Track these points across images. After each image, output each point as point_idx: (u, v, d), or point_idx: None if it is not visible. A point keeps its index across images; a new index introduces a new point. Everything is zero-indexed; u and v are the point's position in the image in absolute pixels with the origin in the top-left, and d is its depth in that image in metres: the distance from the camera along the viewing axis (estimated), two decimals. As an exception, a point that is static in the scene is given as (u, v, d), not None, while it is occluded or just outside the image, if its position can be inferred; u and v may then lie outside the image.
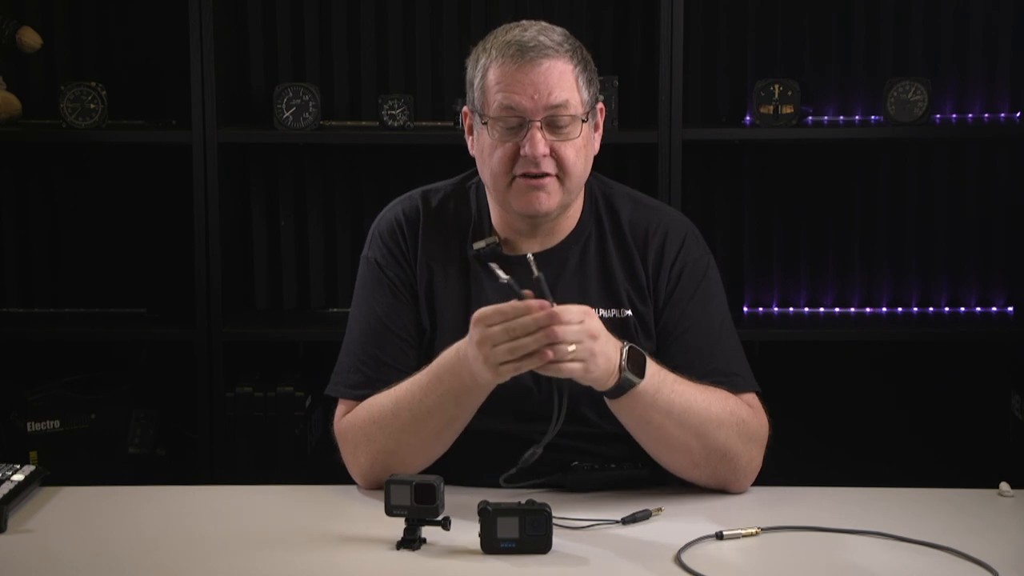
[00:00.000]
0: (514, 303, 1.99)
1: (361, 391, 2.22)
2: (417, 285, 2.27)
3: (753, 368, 2.27)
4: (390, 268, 2.28)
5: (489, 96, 2.17)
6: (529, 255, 2.06)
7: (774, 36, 3.62)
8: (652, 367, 2.07)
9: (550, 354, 1.97)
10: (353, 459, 2.21)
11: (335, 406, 2.28)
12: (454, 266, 2.27)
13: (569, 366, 1.98)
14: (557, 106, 2.15)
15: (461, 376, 2.07)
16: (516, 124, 2.16)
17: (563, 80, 2.16)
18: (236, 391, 3.38)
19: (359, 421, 2.19)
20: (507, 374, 2.01)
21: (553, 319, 1.96)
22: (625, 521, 2.04)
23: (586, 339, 1.98)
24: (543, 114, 2.15)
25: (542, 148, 2.14)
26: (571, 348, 1.97)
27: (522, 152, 2.15)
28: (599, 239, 2.29)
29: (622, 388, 2.05)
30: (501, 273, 2.01)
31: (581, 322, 1.98)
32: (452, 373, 2.09)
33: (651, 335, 2.25)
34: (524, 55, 2.15)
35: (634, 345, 2.05)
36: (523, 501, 1.92)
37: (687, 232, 2.31)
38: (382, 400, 2.17)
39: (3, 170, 3.64)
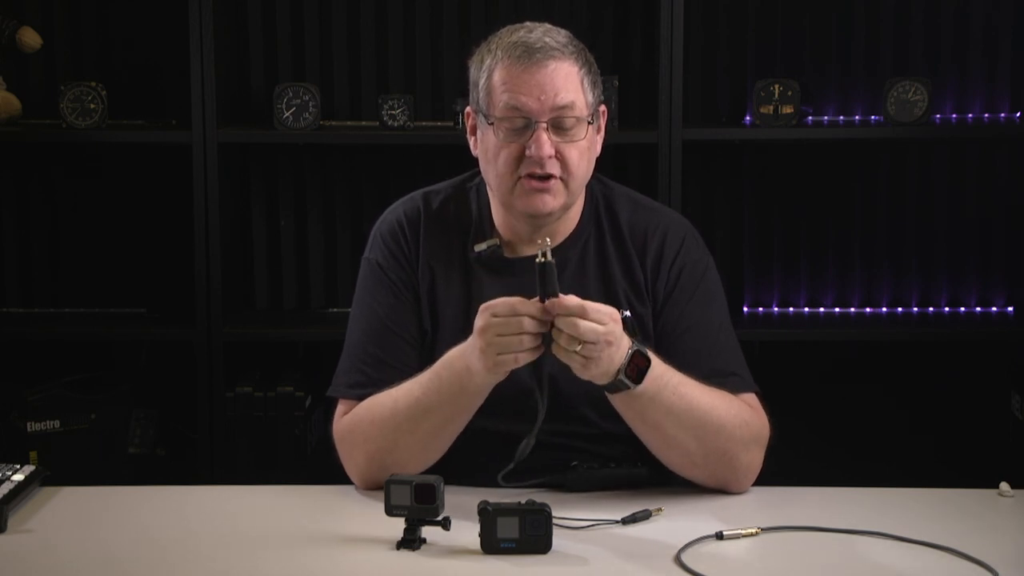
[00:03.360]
0: (524, 300, 2.00)
1: (361, 391, 2.22)
2: (419, 287, 2.27)
3: (753, 368, 2.27)
4: (391, 270, 2.28)
5: (495, 97, 2.17)
6: (547, 240, 2.05)
7: (774, 36, 3.62)
8: (657, 370, 2.06)
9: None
10: (351, 459, 2.21)
11: (335, 407, 2.27)
12: (455, 267, 2.27)
13: (571, 359, 1.99)
14: (563, 107, 2.15)
15: (459, 373, 2.08)
16: (522, 125, 2.16)
17: (569, 81, 2.16)
18: (236, 391, 3.38)
19: (358, 420, 2.19)
20: (503, 367, 2.02)
21: (582, 312, 1.97)
22: (625, 521, 2.04)
23: (602, 342, 1.98)
24: (549, 115, 2.15)
25: (548, 149, 2.14)
26: (579, 347, 1.98)
27: (527, 153, 2.15)
28: (598, 240, 2.29)
29: (616, 387, 2.05)
30: (548, 254, 2.01)
31: (604, 325, 1.99)
32: (451, 370, 2.10)
33: (649, 336, 2.25)
34: (531, 56, 2.15)
35: (641, 349, 2.05)
36: (523, 501, 1.92)
37: (686, 233, 2.31)
38: (382, 399, 2.17)
39: (3, 170, 3.64)
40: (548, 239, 2.08)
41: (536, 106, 2.14)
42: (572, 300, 1.99)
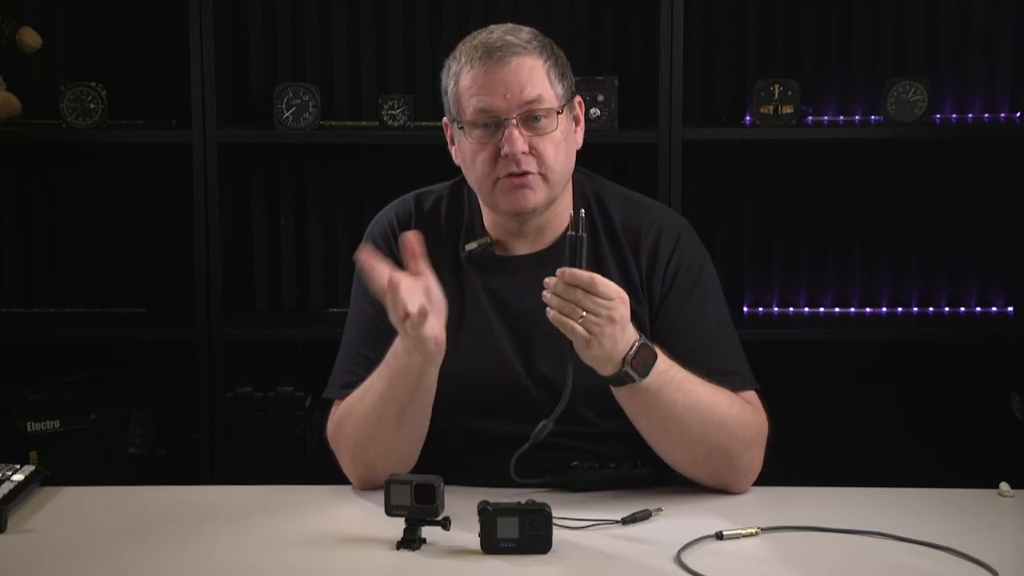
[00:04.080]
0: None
1: (351, 391, 2.22)
2: (410, 288, 2.27)
3: (753, 368, 2.27)
4: (384, 272, 2.28)
5: (463, 101, 2.18)
6: (582, 212, 2.04)
7: (774, 36, 3.62)
8: (662, 366, 2.07)
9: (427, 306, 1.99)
10: (340, 457, 2.22)
11: (331, 408, 2.28)
12: (447, 268, 2.27)
13: (576, 327, 1.98)
14: (530, 101, 2.15)
15: (399, 352, 2.08)
16: (492, 125, 2.16)
17: (533, 75, 2.16)
18: (236, 391, 3.38)
19: (343, 418, 2.21)
20: (411, 339, 2.01)
21: (591, 285, 1.97)
22: (625, 521, 2.04)
23: (604, 318, 1.98)
24: (518, 111, 2.15)
25: (520, 145, 2.14)
26: (583, 314, 1.97)
27: (502, 152, 2.15)
28: (592, 239, 2.28)
29: (621, 379, 2.05)
30: (580, 227, 2.01)
31: (612, 300, 1.98)
32: (393, 353, 2.11)
33: (647, 335, 2.24)
34: (491, 55, 2.16)
35: (648, 343, 2.05)
36: (523, 501, 1.92)
37: (681, 231, 2.30)
38: (357, 394, 2.19)
39: (3, 170, 3.64)
40: (583, 211, 2.05)
41: (503, 104, 2.15)
42: (583, 273, 1.98)
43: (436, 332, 2.02)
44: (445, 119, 2.26)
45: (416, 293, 2.00)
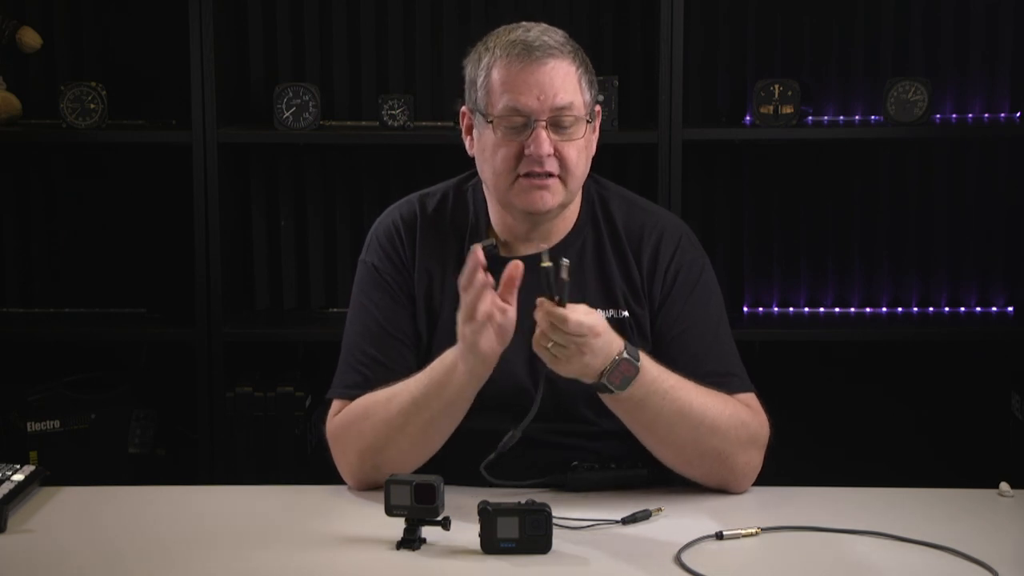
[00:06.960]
0: (472, 269, 2.01)
1: (356, 391, 2.22)
2: (415, 290, 2.27)
3: (753, 368, 2.28)
4: (387, 272, 2.28)
5: (493, 96, 2.17)
6: (543, 246, 2.07)
7: (774, 36, 3.62)
8: (646, 377, 2.06)
9: (498, 316, 2.01)
10: (343, 457, 2.21)
11: (328, 408, 2.28)
12: (451, 269, 2.27)
13: (543, 352, 2.01)
14: (562, 107, 2.16)
15: (447, 366, 2.09)
16: (521, 123, 2.16)
17: (567, 81, 2.17)
18: (236, 391, 3.38)
19: (352, 418, 2.20)
20: (476, 347, 2.02)
21: (562, 323, 1.98)
22: (625, 521, 2.04)
23: (573, 347, 1.99)
24: (548, 114, 2.15)
25: (547, 148, 2.15)
26: (549, 344, 2.00)
27: (526, 151, 2.15)
28: (596, 241, 2.29)
29: (601, 389, 2.07)
30: (544, 258, 2.01)
31: (582, 336, 1.98)
32: (441, 363, 2.11)
33: (647, 337, 2.25)
34: (529, 54, 2.15)
35: (630, 358, 2.04)
36: (523, 501, 1.93)
37: (682, 235, 2.31)
38: (376, 397, 2.18)
39: (3, 170, 3.64)
40: (544, 245, 2.09)
41: (536, 105, 2.15)
42: (557, 310, 1.98)
43: (490, 348, 2.03)
44: (464, 107, 2.26)
45: (491, 307, 2.02)
